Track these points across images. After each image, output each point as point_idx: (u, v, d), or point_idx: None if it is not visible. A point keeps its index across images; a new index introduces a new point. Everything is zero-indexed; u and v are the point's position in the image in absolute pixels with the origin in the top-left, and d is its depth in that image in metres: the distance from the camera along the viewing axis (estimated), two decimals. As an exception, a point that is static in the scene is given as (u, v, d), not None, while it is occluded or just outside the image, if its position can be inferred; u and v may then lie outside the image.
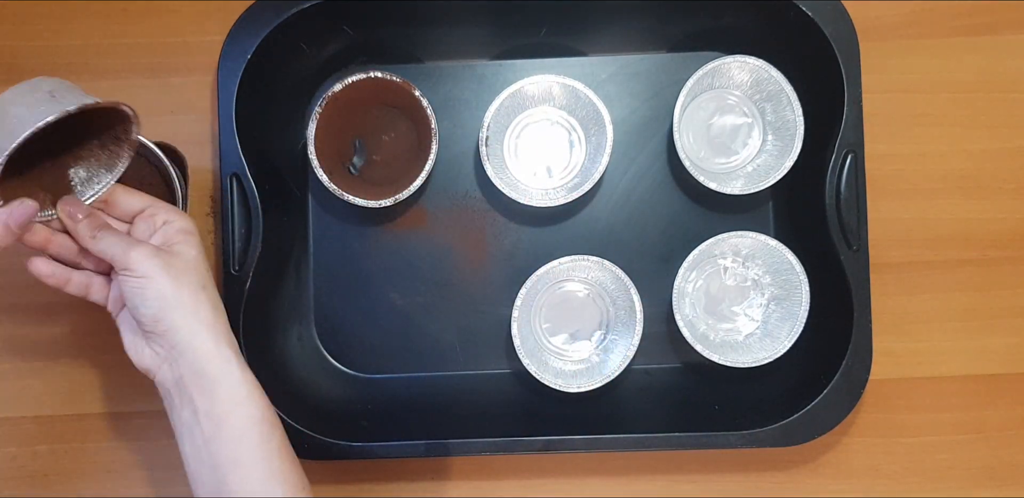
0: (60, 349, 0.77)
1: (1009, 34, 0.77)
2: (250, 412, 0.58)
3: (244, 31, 0.71)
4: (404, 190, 0.72)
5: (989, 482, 0.76)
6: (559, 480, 0.76)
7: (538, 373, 0.71)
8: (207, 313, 0.59)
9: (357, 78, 0.71)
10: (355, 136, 0.77)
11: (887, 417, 0.76)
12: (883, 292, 0.75)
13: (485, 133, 0.73)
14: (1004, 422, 0.76)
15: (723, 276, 0.76)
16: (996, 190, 0.77)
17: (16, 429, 0.76)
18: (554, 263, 0.72)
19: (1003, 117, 0.77)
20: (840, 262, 0.71)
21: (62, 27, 0.77)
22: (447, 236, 0.77)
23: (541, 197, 0.75)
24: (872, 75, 0.73)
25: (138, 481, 0.76)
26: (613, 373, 0.71)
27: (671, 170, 0.77)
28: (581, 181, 0.74)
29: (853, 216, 0.71)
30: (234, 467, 0.56)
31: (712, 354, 0.71)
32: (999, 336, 0.77)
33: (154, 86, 0.77)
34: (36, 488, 0.76)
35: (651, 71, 0.78)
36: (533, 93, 0.75)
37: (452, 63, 0.78)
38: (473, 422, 0.74)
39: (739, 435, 0.71)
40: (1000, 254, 0.77)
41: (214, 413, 0.57)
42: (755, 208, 0.77)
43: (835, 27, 0.71)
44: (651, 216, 0.77)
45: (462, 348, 0.77)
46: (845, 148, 0.71)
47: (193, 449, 0.58)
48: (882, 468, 0.76)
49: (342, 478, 0.76)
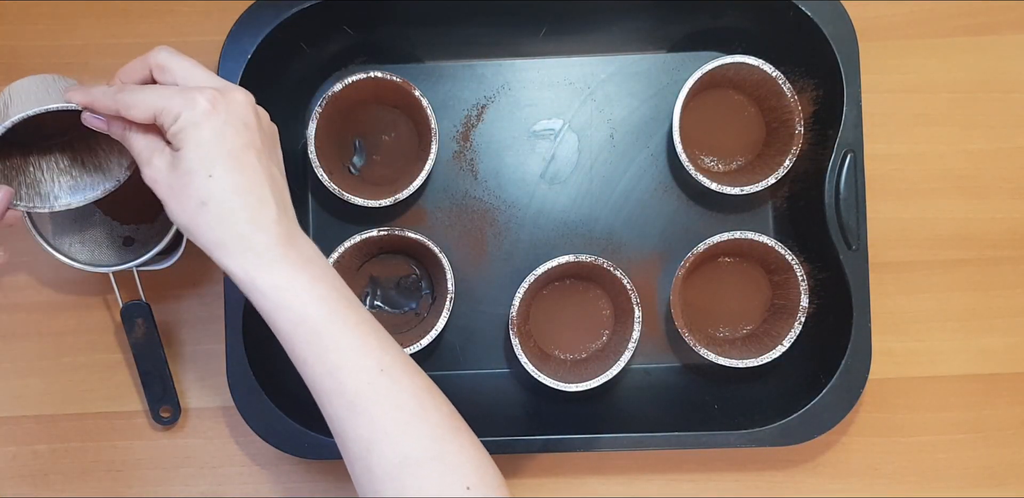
0: (60, 349, 0.77)
1: (1009, 34, 0.77)
2: (287, 316, 0.52)
3: (244, 31, 0.71)
4: (404, 190, 0.72)
5: (988, 481, 0.76)
6: (559, 480, 0.76)
7: (538, 373, 0.72)
8: (208, 229, 0.51)
9: (357, 78, 0.72)
10: (355, 136, 0.77)
11: (886, 417, 0.76)
12: (882, 292, 0.75)
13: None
14: (1003, 422, 0.76)
15: (722, 276, 0.76)
16: (995, 190, 0.77)
17: (16, 428, 0.76)
18: (553, 263, 0.72)
19: (1003, 117, 0.77)
20: (839, 262, 0.71)
21: (62, 27, 0.77)
22: (447, 236, 0.77)
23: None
24: (871, 75, 0.73)
25: (138, 481, 0.76)
26: (612, 373, 0.72)
27: (671, 170, 0.77)
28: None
29: (852, 216, 0.71)
30: (301, 366, 0.53)
31: (711, 354, 0.72)
32: (998, 336, 0.77)
33: (154, 86, 0.77)
34: (36, 488, 0.76)
35: (651, 71, 0.78)
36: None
37: (452, 63, 0.78)
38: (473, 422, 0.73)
39: (738, 434, 0.71)
40: (999, 254, 0.77)
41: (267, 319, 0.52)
42: (755, 208, 0.78)
43: (834, 27, 0.71)
44: (651, 216, 0.78)
45: (462, 348, 0.77)
46: (844, 148, 0.71)
47: None
48: (881, 467, 0.76)
49: (343, 477, 0.76)
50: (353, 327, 0.52)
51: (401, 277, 0.77)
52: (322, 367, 0.51)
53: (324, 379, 0.52)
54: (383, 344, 0.53)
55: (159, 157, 0.52)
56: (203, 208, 0.50)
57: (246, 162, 0.51)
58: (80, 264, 0.71)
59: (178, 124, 0.50)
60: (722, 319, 0.77)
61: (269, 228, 0.51)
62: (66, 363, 0.77)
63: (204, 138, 0.50)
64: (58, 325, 0.77)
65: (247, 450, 0.77)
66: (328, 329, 0.51)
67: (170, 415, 0.75)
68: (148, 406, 0.75)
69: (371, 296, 0.77)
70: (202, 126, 0.50)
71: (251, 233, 0.51)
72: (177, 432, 0.77)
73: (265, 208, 0.51)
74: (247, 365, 0.70)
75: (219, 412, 0.77)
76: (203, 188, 0.50)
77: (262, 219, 0.51)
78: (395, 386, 0.52)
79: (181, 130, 0.50)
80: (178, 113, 0.50)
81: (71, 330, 0.77)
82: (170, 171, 0.51)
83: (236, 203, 0.51)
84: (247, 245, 0.51)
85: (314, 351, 0.51)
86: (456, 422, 0.54)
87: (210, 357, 0.77)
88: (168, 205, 0.52)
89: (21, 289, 0.77)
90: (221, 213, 0.50)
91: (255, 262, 0.51)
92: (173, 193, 0.51)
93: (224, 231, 0.51)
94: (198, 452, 0.77)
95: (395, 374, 0.52)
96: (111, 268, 0.71)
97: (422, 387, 0.53)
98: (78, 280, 0.76)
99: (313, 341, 0.51)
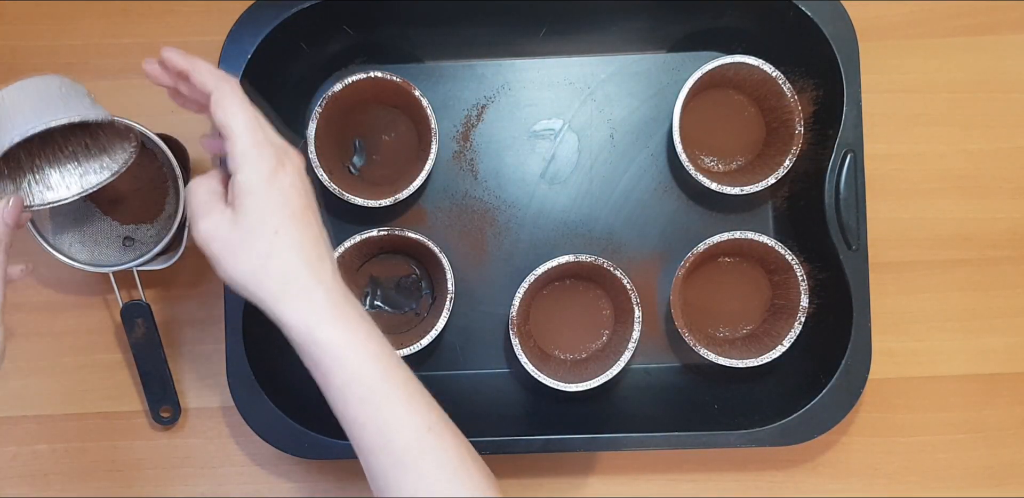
0: (60, 349, 0.77)
1: (1009, 34, 0.77)
2: (342, 374, 0.52)
3: (244, 31, 0.71)
4: (404, 190, 0.72)
5: (988, 481, 0.76)
6: (559, 480, 0.76)
7: (538, 373, 0.72)
8: (272, 282, 0.52)
9: (357, 78, 0.72)
10: (355, 136, 0.77)
11: (886, 416, 0.76)
12: (882, 292, 0.75)
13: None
14: (1003, 422, 0.76)
15: (722, 276, 0.76)
16: (995, 190, 0.77)
17: (16, 428, 0.77)
18: (553, 263, 0.72)
19: (1002, 117, 0.77)
20: (839, 262, 0.71)
21: (62, 27, 0.77)
22: (447, 236, 0.77)
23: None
24: (871, 75, 0.73)
25: (138, 481, 0.76)
26: (612, 373, 0.71)
27: (671, 170, 0.77)
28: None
29: (852, 216, 0.71)
30: (349, 424, 0.53)
31: (711, 354, 0.72)
32: (998, 336, 0.77)
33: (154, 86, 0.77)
34: (36, 488, 0.76)
35: (651, 71, 0.78)
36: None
37: (452, 63, 0.78)
38: (473, 422, 0.73)
39: (738, 434, 0.71)
40: (999, 254, 0.77)
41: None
42: (755, 208, 0.78)
43: (834, 27, 0.71)
44: (651, 216, 0.78)
45: (462, 348, 0.77)
46: (844, 148, 0.71)
47: None
48: (881, 467, 0.76)
49: (343, 477, 0.76)
50: (403, 386, 0.53)
51: (401, 277, 0.77)
52: (372, 425, 0.52)
53: (374, 437, 0.52)
54: (429, 403, 0.54)
55: (219, 214, 0.52)
56: (267, 261, 0.51)
57: (308, 222, 0.53)
58: (80, 264, 0.71)
59: (244, 178, 0.51)
60: (722, 319, 0.77)
61: (328, 283, 0.52)
62: (66, 363, 0.77)
63: (272, 199, 0.52)
64: (58, 325, 0.77)
65: (247, 450, 0.77)
66: (382, 387, 0.52)
67: (170, 415, 0.75)
68: (148, 406, 0.75)
69: (371, 296, 0.77)
70: (269, 188, 0.52)
71: (313, 287, 0.52)
72: (177, 432, 0.77)
73: (324, 264, 0.53)
74: (247, 365, 0.70)
75: (219, 412, 0.77)
76: (269, 243, 0.51)
77: (322, 274, 0.52)
78: (441, 443, 0.53)
79: (248, 189, 0.51)
80: (246, 163, 0.51)
81: (71, 330, 0.77)
82: (231, 227, 0.52)
83: (300, 258, 0.52)
84: (309, 298, 0.52)
85: (365, 409, 0.52)
86: (492, 482, 0.55)
87: (210, 357, 0.77)
88: (224, 260, 0.52)
89: (21, 289, 0.77)
90: (286, 267, 0.52)
91: (316, 316, 0.52)
92: (231, 248, 0.52)
93: (288, 284, 0.52)
94: (198, 452, 0.77)
95: (440, 432, 0.53)
96: (111, 268, 0.71)
97: (464, 446, 0.55)
98: (78, 280, 0.77)
99: (367, 398, 0.52)
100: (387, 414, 0.52)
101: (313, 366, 0.52)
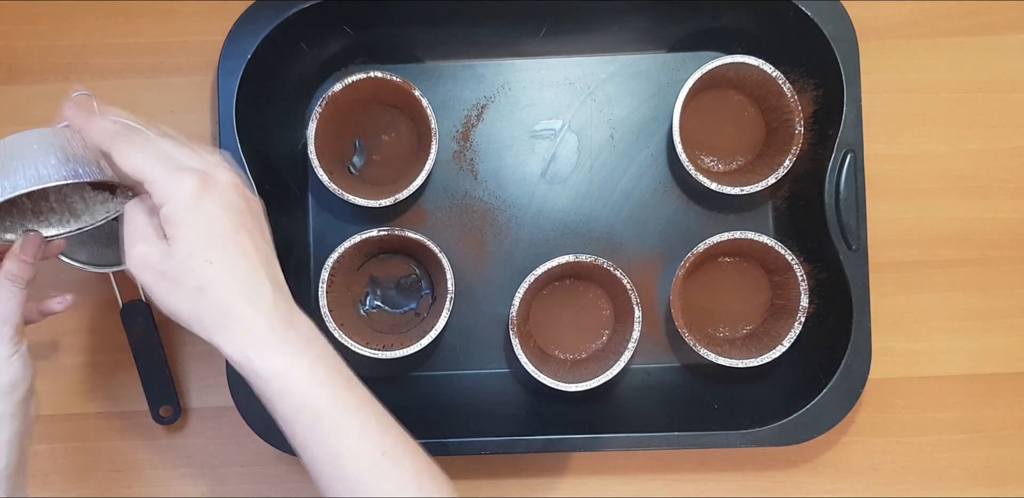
0: (60, 349, 0.77)
1: (1009, 34, 0.77)
2: (288, 401, 0.51)
3: (244, 31, 0.71)
4: (404, 190, 0.72)
5: (988, 481, 0.76)
6: (559, 480, 0.76)
7: (538, 373, 0.72)
8: (206, 315, 0.51)
9: (357, 78, 0.72)
10: (355, 136, 0.77)
11: (886, 416, 0.76)
12: (882, 292, 0.75)
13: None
14: (1003, 422, 0.76)
15: (722, 276, 0.76)
16: (995, 190, 0.77)
17: (16, 429, 0.76)
18: (553, 263, 0.72)
19: (1002, 117, 0.77)
20: (839, 262, 0.71)
21: (62, 27, 0.77)
22: (447, 236, 0.77)
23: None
24: (871, 75, 0.73)
25: (138, 481, 0.76)
26: (612, 373, 0.71)
27: (671, 170, 0.77)
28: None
29: (852, 216, 0.71)
30: (301, 451, 0.52)
31: (711, 354, 0.72)
32: (998, 336, 0.77)
33: (154, 86, 0.77)
34: (36, 488, 0.76)
35: (651, 71, 0.78)
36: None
37: (452, 63, 0.78)
38: (473, 422, 0.74)
39: (738, 434, 0.71)
40: (999, 254, 0.77)
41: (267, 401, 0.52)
42: (754, 208, 0.78)
43: (834, 27, 0.71)
44: (651, 216, 0.78)
45: (462, 348, 0.77)
46: (844, 148, 0.71)
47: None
48: (881, 467, 0.76)
49: (342, 478, 0.76)
50: (355, 411, 0.52)
51: (401, 277, 0.77)
52: (323, 452, 0.51)
53: (325, 465, 0.51)
54: (383, 426, 0.53)
55: (153, 242, 0.51)
56: (200, 294, 0.50)
57: (241, 245, 0.51)
58: (80, 264, 0.71)
59: (170, 209, 0.50)
60: (722, 319, 0.77)
61: (268, 310, 0.51)
62: (66, 363, 0.77)
63: (198, 227, 0.50)
64: (58, 325, 0.77)
65: (247, 450, 0.77)
66: (329, 413, 0.51)
67: (170, 415, 0.75)
68: (148, 406, 0.75)
69: (371, 296, 0.77)
70: (195, 215, 0.50)
71: (251, 316, 0.50)
72: (177, 432, 0.77)
73: (262, 289, 0.51)
74: (247, 365, 0.70)
75: (219, 412, 0.77)
76: (201, 275, 0.50)
77: (260, 302, 0.51)
78: (397, 469, 0.52)
79: (173, 219, 0.50)
80: (165, 195, 0.50)
81: (71, 330, 0.77)
82: (163, 258, 0.50)
83: (234, 288, 0.50)
84: (246, 328, 0.50)
85: (315, 436, 0.51)
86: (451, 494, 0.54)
87: (210, 357, 0.77)
88: (158, 293, 0.50)
89: (21, 289, 0.77)
90: (220, 300, 0.50)
91: (255, 346, 0.50)
92: (165, 280, 0.50)
93: (223, 316, 0.50)
94: (198, 452, 0.77)
95: (396, 456, 0.52)
96: (111, 268, 0.71)
97: (423, 469, 0.53)
98: (78, 280, 0.76)
99: (314, 426, 0.51)
100: (336, 442, 0.51)
101: (260, 395, 0.51)
